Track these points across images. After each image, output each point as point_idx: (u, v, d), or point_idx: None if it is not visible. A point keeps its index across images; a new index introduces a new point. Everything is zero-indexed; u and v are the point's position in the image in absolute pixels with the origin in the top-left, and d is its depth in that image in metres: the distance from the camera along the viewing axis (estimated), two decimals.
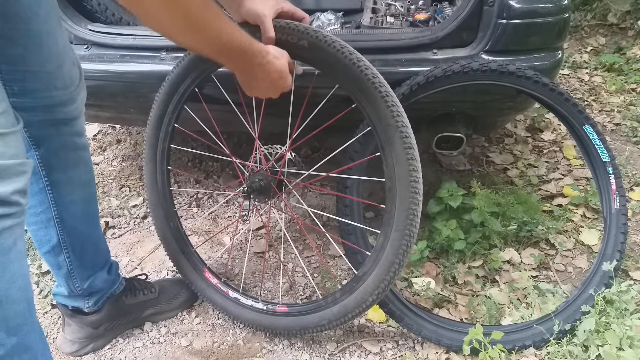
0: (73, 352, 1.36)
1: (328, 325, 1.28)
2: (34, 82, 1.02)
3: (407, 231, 1.14)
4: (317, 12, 1.87)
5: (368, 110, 1.17)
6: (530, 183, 1.98)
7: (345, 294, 1.26)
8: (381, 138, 1.16)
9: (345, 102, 1.28)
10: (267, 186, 1.35)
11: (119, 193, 2.06)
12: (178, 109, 1.42)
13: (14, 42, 0.95)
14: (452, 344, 1.31)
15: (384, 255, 1.18)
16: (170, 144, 1.47)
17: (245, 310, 1.39)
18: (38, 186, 1.15)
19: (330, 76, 1.20)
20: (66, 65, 1.07)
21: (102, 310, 1.35)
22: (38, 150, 1.11)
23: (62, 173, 1.16)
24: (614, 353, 1.16)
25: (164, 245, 1.51)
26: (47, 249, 1.22)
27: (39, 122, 1.08)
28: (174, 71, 1.37)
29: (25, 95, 1.02)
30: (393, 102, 1.14)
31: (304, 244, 1.74)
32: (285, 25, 1.16)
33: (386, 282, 1.18)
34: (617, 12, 3.36)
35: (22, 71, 0.99)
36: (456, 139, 1.51)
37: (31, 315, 0.87)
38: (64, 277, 1.26)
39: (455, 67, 1.34)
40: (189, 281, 1.47)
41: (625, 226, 1.40)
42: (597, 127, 1.43)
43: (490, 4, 1.35)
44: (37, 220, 1.19)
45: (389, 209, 1.17)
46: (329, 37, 1.15)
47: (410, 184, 1.13)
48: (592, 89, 2.74)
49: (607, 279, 1.35)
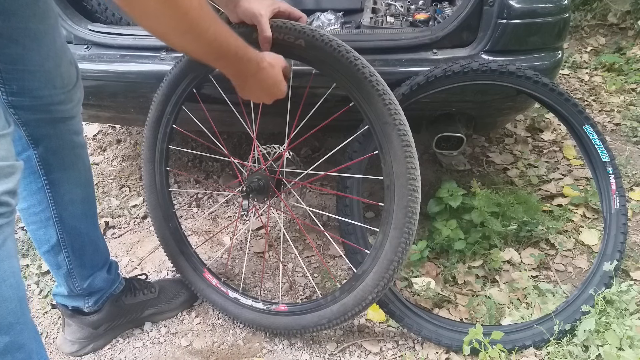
0: (73, 352, 1.36)
1: (328, 324, 1.28)
2: (33, 80, 1.03)
3: (405, 229, 1.14)
4: (317, 12, 1.87)
5: (365, 109, 1.17)
6: (530, 183, 1.98)
7: (344, 293, 1.26)
8: (379, 136, 1.17)
9: (342, 101, 1.28)
10: (265, 186, 1.35)
11: (119, 193, 2.06)
12: (176, 109, 1.42)
13: (12, 41, 0.96)
14: (452, 343, 1.31)
15: (382, 253, 1.18)
16: (168, 145, 1.47)
17: (245, 310, 1.39)
18: (37, 185, 1.15)
19: (327, 75, 1.21)
20: (64, 64, 1.08)
21: (102, 310, 1.35)
22: (37, 149, 1.11)
23: (60, 172, 1.16)
24: (614, 353, 1.16)
25: (163, 246, 1.51)
26: (47, 248, 1.23)
27: (37, 120, 1.08)
28: (172, 72, 1.37)
29: (23, 94, 1.03)
30: (390, 100, 1.14)
31: (304, 243, 1.74)
32: (282, 24, 1.16)
33: (385, 280, 1.18)
34: (617, 12, 3.37)
35: (20, 70, 1.00)
36: (456, 139, 1.51)
37: (23, 314, 0.87)
38: (64, 277, 1.26)
39: (455, 67, 1.34)
40: (189, 282, 1.47)
41: (625, 226, 1.40)
42: (597, 127, 1.43)
43: (490, 4, 1.35)
44: (36, 220, 1.19)
45: (388, 207, 1.18)
46: (325, 36, 1.15)
47: (408, 182, 1.13)
48: (592, 89, 2.74)
49: (607, 279, 1.35)
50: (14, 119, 1.05)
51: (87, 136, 2.44)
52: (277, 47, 1.17)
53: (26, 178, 1.14)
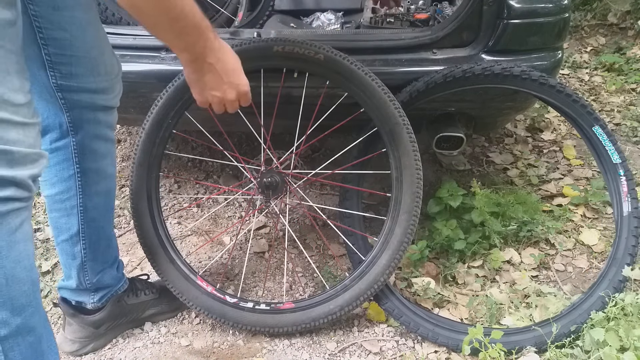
0: (73, 352, 1.36)
1: (340, 312, 1.34)
2: (79, 66, 1.08)
3: (413, 212, 1.33)
4: (317, 12, 1.87)
5: (377, 113, 1.33)
6: (530, 183, 1.98)
7: (355, 280, 1.35)
8: (388, 135, 1.34)
9: (351, 106, 1.36)
10: (279, 183, 1.42)
11: (119, 193, 2.06)
12: (179, 114, 1.40)
13: (61, 28, 1.03)
14: (449, 342, 1.31)
15: (392, 236, 1.34)
16: (164, 149, 1.43)
17: (246, 314, 1.38)
18: (69, 172, 1.18)
19: (340, 86, 1.34)
20: (107, 54, 1.15)
21: (104, 309, 1.35)
22: (75, 136, 1.15)
23: (92, 162, 1.20)
24: (614, 355, 1.16)
25: (148, 256, 1.42)
26: (66, 237, 1.24)
27: (81, 107, 1.13)
28: (183, 77, 1.31)
29: (71, 78, 1.09)
30: (398, 105, 1.32)
31: (304, 243, 1.74)
32: (302, 41, 1.28)
33: (397, 261, 1.33)
34: (617, 12, 3.36)
35: (68, 55, 1.06)
36: (456, 139, 1.51)
37: (35, 298, 0.88)
38: (76, 268, 1.27)
39: (456, 72, 1.35)
40: (179, 291, 1.40)
41: (638, 229, 1.36)
42: (607, 127, 1.39)
43: (490, 3, 1.35)
44: (61, 207, 1.21)
45: (396, 196, 1.35)
46: (341, 53, 1.31)
47: (415, 172, 1.32)
48: (592, 89, 2.74)
49: (617, 283, 1.32)
50: (61, 103, 1.10)
51: None
52: (295, 60, 1.30)
53: (60, 164, 1.17)
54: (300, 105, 1.38)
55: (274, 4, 2.07)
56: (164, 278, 1.42)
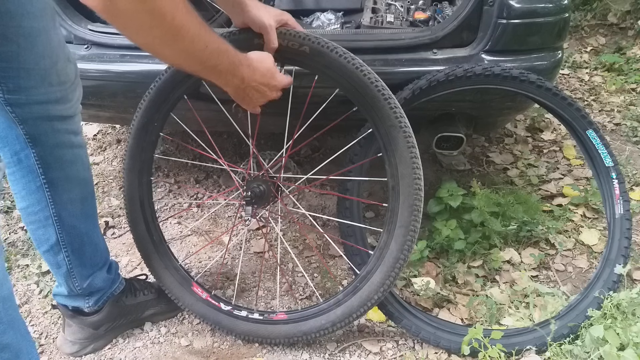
0: (73, 353, 1.36)
1: (332, 328, 1.27)
2: (28, 79, 1.02)
3: (411, 227, 1.18)
4: (317, 12, 1.87)
5: (371, 113, 1.20)
6: (530, 183, 1.98)
7: (348, 295, 1.27)
8: (384, 139, 1.20)
9: (344, 104, 1.28)
10: (265, 192, 1.34)
11: (119, 193, 2.06)
12: (164, 117, 1.37)
13: (7, 39, 0.96)
14: (451, 346, 1.30)
15: (388, 252, 1.21)
16: (153, 153, 1.41)
17: (239, 322, 1.36)
18: (35, 184, 1.14)
19: (331, 81, 1.22)
20: (60, 62, 1.07)
21: (103, 310, 1.35)
22: (34, 148, 1.10)
23: (59, 171, 1.16)
24: (614, 353, 1.16)
25: (146, 261, 1.44)
26: (46, 248, 1.22)
27: (35, 118, 1.07)
28: (164, 78, 1.31)
29: (19, 91, 1.02)
30: (395, 104, 1.18)
31: (304, 243, 1.74)
32: (285, 31, 1.17)
33: (391, 279, 1.21)
34: (617, 12, 3.36)
35: (15, 68, 1.00)
36: (456, 139, 1.51)
37: (7, 314, 0.86)
38: (64, 277, 1.26)
39: (458, 71, 1.34)
40: (175, 297, 1.40)
41: (630, 231, 1.38)
42: (600, 131, 1.41)
43: (490, 3, 1.35)
44: (35, 219, 1.18)
45: (392, 207, 1.21)
46: (330, 43, 1.17)
47: (414, 182, 1.17)
48: (592, 89, 2.74)
49: (611, 283, 1.33)
50: (12, 117, 1.05)
51: (87, 136, 2.44)
52: (280, 54, 1.18)
53: (25, 177, 1.13)
54: (289, 102, 1.28)
55: (274, 4, 2.07)
56: (160, 283, 1.42)
